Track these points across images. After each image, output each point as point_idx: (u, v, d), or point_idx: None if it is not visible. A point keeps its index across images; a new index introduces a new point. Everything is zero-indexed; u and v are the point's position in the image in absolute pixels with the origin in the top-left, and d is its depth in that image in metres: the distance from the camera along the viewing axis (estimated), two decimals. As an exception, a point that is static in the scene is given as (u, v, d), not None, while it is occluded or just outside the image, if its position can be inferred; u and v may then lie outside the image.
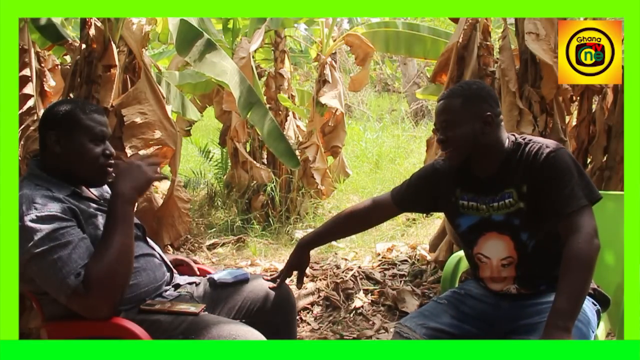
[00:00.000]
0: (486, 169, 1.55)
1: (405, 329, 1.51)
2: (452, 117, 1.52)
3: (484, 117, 1.50)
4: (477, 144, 1.51)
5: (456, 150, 1.53)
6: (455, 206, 1.61)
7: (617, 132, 2.94)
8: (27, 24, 2.72)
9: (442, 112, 1.55)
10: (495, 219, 1.54)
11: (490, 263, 1.57)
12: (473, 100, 1.52)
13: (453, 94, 1.55)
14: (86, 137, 1.52)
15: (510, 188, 1.51)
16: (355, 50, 4.42)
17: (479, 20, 2.87)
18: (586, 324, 1.46)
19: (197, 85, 4.80)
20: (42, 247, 1.34)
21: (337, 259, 3.48)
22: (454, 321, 1.54)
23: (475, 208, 1.57)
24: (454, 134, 1.51)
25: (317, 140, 4.62)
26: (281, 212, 4.49)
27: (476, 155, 1.53)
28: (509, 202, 1.51)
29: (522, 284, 1.54)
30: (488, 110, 1.51)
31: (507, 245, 1.53)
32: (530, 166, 1.47)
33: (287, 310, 1.74)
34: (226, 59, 2.75)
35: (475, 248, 1.59)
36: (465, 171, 1.59)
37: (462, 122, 1.50)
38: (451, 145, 1.52)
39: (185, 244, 4.01)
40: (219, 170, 5.49)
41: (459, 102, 1.52)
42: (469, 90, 1.54)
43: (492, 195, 1.54)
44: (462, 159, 1.54)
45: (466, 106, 1.51)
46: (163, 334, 1.45)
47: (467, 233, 1.61)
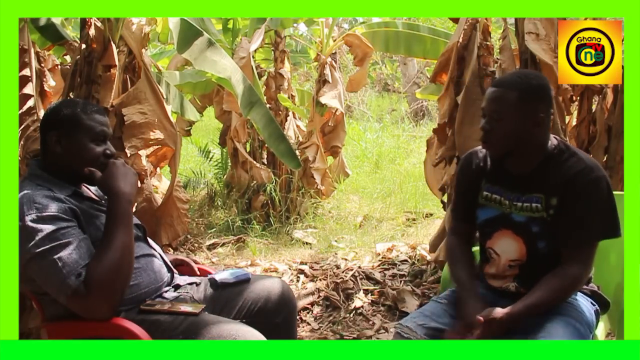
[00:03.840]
0: (521, 166, 1.51)
1: (405, 329, 1.50)
2: (502, 109, 1.45)
3: (536, 117, 1.44)
4: (520, 142, 1.46)
5: (497, 144, 1.48)
6: (477, 196, 1.59)
7: (617, 132, 2.94)
8: (27, 24, 2.72)
9: (493, 100, 1.47)
10: (514, 218, 1.51)
11: (498, 261, 1.56)
12: (529, 98, 1.44)
13: (510, 85, 1.45)
14: (87, 137, 1.52)
15: (540, 193, 1.47)
16: (354, 50, 4.42)
17: (479, 20, 2.87)
18: (585, 324, 1.46)
19: (197, 85, 4.79)
20: (42, 247, 1.34)
21: (337, 259, 3.48)
22: (453, 320, 1.53)
23: (498, 202, 1.54)
24: (499, 128, 1.45)
25: (317, 140, 4.62)
26: (281, 212, 4.49)
27: (515, 151, 1.48)
28: (535, 207, 1.47)
29: (521, 283, 1.54)
30: (542, 110, 1.45)
31: (520, 248, 1.51)
32: (569, 182, 1.42)
33: (287, 311, 1.74)
34: (226, 57, 2.74)
35: (489, 242, 1.58)
36: (496, 162, 1.55)
37: (511, 117, 1.44)
38: (493, 137, 1.47)
39: (185, 244, 4.01)
40: (219, 170, 5.48)
41: (515, 96, 1.44)
42: (527, 85, 1.45)
43: (518, 194, 1.50)
44: (501, 153, 1.50)
45: (521, 102, 1.43)
46: (163, 334, 1.45)
47: (483, 225, 1.59)
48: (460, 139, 2.79)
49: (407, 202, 4.79)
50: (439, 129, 2.99)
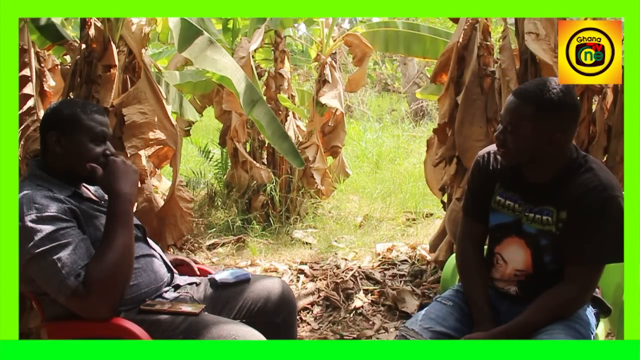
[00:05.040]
0: (537, 176, 1.47)
1: (411, 332, 1.47)
2: (517, 122, 1.39)
3: (552, 137, 1.38)
4: (533, 156, 1.42)
5: (509, 155, 1.45)
6: (490, 197, 1.57)
7: (617, 132, 2.94)
8: (27, 24, 2.72)
9: (509, 112, 1.41)
10: (525, 228, 1.49)
11: (504, 268, 1.55)
12: (547, 114, 1.36)
13: (528, 98, 1.38)
14: (87, 137, 1.52)
15: (551, 206, 1.44)
16: (353, 50, 4.42)
17: (479, 20, 2.87)
18: (585, 325, 1.46)
19: (197, 85, 4.79)
20: (42, 248, 1.34)
21: (337, 259, 3.48)
22: (458, 324, 1.52)
23: (512, 208, 1.52)
24: (512, 140, 1.41)
25: (317, 140, 4.62)
26: (281, 212, 4.49)
27: (531, 162, 1.45)
28: (545, 220, 1.45)
29: (522, 289, 1.53)
30: (559, 130, 1.37)
31: (527, 259, 1.50)
32: (579, 198, 1.38)
33: (287, 311, 1.74)
34: (227, 56, 2.74)
35: (498, 247, 1.56)
36: (513, 168, 1.52)
37: (525, 132, 1.38)
38: (507, 149, 1.44)
39: (186, 244, 4.00)
40: (219, 170, 5.48)
41: (531, 110, 1.37)
42: (546, 101, 1.36)
43: (531, 205, 1.48)
44: (515, 163, 1.48)
45: (536, 119, 1.37)
46: (163, 334, 1.45)
47: (494, 230, 1.57)
48: (460, 139, 2.79)
49: (407, 202, 4.79)
50: (439, 129, 2.99)
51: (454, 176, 2.92)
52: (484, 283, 1.58)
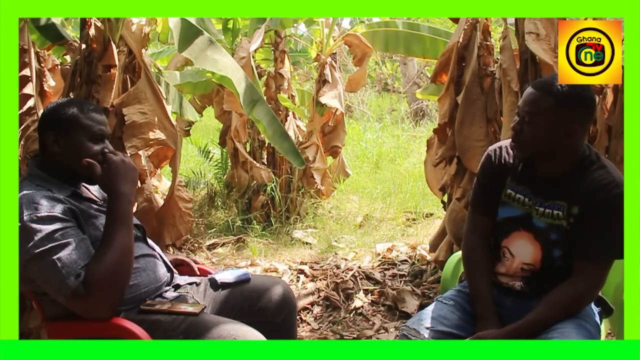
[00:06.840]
0: (549, 171, 1.49)
1: (412, 332, 1.47)
2: (536, 112, 1.42)
3: (569, 128, 1.41)
4: (549, 149, 1.45)
5: (525, 146, 1.47)
6: (500, 191, 1.57)
7: (617, 132, 2.94)
8: (27, 24, 2.72)
9: (528, 103, 1.44)
10: (534, 222, 1.50)
11: (511, 262, 1.55)
12: (565, 106, 1.41)
13: (548, 91, 1.42)
14: (85, 136, 1.52)
15: (563, 201, 1.46)
16: (353, 50, 4.42)
17: (479, 20, 2.87)
18: (595, 325, 1.46)
19: (197, 85, 4.79)
20: (42, 248, 1.34)
21: (337, 259, 3.48)
22: (461, 323, 1.52)
23: (522, 202, 1.52)
24: (529, 131, 1.44)
25: (317, 140, 4.62)
26: (281, 212, 4.49)
27: (545, 155, 1.47)
28: (556, 214, 1.46)
29: (527, 285, 1.53)
30: (576, 122, 1.41)
31: (535, 254, 1.50)
32: (592, 194, 1.41)
33: (287, 311, 1.74)
34: (227, 56, 2.74)
35: (505, 241, 1.56)
36: (525, 162, 1.54)
37: (543, 124, 1.42)
38: (522, 139, 1.46)
39: (185, 244, 4.00)
40: (219, 170, 5.48)
41: (550, 102, 1.41)
42: (566, 93, 1.41)
43: (542, 199, 1.49)
44: (529, 154, 1.49)
45: (555, 110, 1.40)
46: (163, 334, 1.45)
47: (502, 224, 1.58)
48: (460, 139, 2.79)
49: (407, 202, 4.79)
50: (439, 129, 2.99)
51: (454, 176, 2.92)
52: (489, 277, 1.58)
